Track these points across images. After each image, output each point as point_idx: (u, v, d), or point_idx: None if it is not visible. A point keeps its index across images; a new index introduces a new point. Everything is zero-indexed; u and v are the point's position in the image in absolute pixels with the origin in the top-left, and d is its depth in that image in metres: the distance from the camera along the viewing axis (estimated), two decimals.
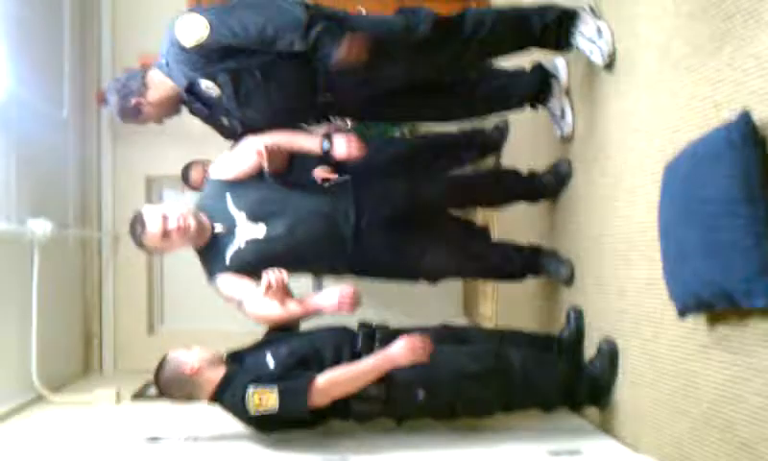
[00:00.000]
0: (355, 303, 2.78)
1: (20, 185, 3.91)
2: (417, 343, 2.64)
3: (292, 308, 2.83)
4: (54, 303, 4.23)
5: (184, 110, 3.04)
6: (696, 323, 2.07)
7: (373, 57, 2.70)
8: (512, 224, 3.91)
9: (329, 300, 2.80)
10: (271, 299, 2.77)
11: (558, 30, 2.85)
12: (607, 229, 2.72)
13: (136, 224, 2.84)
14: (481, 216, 4.65)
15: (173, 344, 2.90)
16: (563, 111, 3.12)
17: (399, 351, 2.63)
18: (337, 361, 2.71)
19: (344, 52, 2.65)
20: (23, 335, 3.81)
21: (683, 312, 2.03)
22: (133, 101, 2.88)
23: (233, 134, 3.02)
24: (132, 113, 2.93)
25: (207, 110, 2.94)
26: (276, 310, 2.81)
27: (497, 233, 4.14)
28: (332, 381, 2.61)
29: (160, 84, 2.88)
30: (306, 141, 2.94)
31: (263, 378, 2.63)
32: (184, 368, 2.73)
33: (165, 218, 2.81)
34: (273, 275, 2.75)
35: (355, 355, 2.73)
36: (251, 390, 2.60)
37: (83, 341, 4.88)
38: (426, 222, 3.11)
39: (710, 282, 1.81)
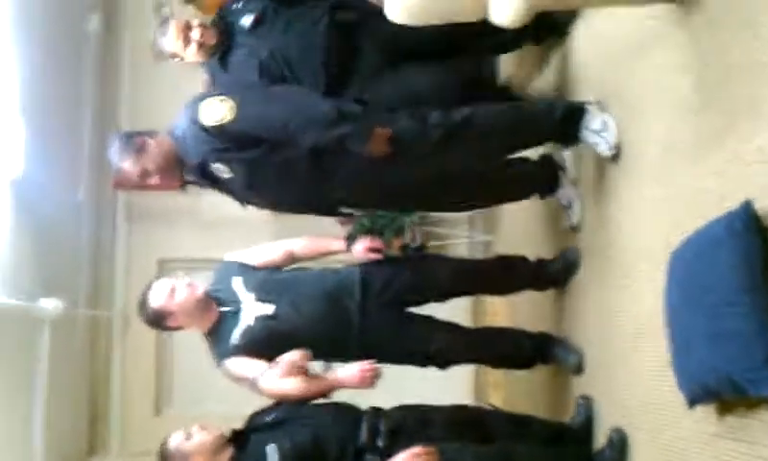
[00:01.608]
0: (376, 376, 2.81)
1: (33, 264, 3.97)
2: (422, 455, 2.57)
3: (311, 384, 2.83)
4: (61, 382, 4.23)
5: (198, 197, 3.12)
6: (705, 412, 2.05)
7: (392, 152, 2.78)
8: (520, 310, 3.90)
9: (350, 374, 2.82)
10: (288, 376, 2.77)
11: (566, 126, 2.90)
12: (615, 316, 2.72)
13: (145, 291, 2.91)
14: (489, 303, 4.66)
15: (180, 427, 2.86)
16: (570, 202, 3.16)
17: None
18: (342, 456, 2.68)
19: (369, 149, 2.73)
20: (29, 413, 3.80)
21: (692, 402, 2.01)
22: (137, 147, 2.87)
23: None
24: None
25: (213, 187, 3.01)
26: (294, 386, 2.80)
27: (506, 320, 4.14)
28: None
29: (166, 148, 2.88)
30: (334, 245, 3.12)
31: None
32: None
33: (173, 283, 2.88)
34: (292, 356, 2.77)
35: (359, 451, 2.70)
36: None
37: (88, 421, 4.86)
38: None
39: (716, 370, 1.80)
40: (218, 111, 2.73)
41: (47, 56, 4.26)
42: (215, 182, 2.97)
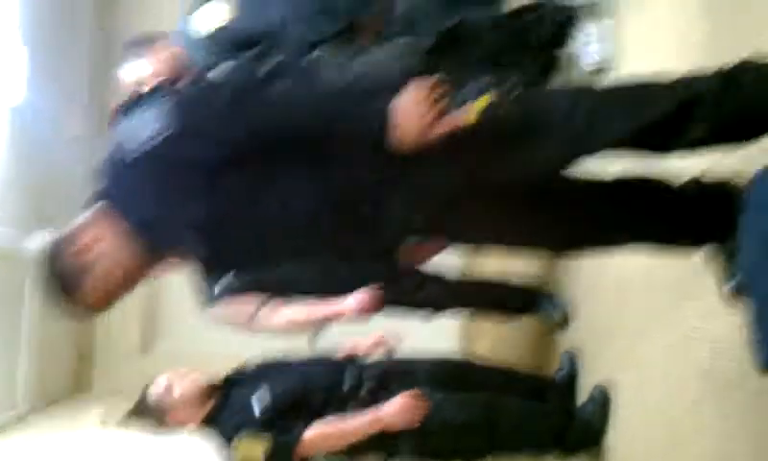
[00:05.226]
0: (375, 304, 2.79)
1: (25, 197, 3.92)
2: (411, 404, 2.58)
3: (312, 311, 2.83)
4: (48, 319, 4.20)
5: None
6: (689, 377, 2.02)
7: None
8: (511, 262, 3.87)
9: (348, 302, 2.80)
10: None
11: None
12: (605, 272, 2.69)
13: None
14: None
15: (167, 366, 2.81)
16: None
17: (393, 415, 2.57)
18: (326, 404, 2.66)
19: None
20: (13, 350, 3.79)
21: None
22: None
23: None
24: None
25: None
26: (295, 315, 2.81)
27: (496, 271, 4.12)
28: (321, 437, 2.56)
29: None
30: None
31: (248, 427, 2.56)
32: (168, 420, 2.63)
33: None
34: None
35: (342, 400, 2.68)
36: (236, 440, 2.54)
37: (75, 359, 4.85)
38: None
39: None
40: None
41: None
42: None
